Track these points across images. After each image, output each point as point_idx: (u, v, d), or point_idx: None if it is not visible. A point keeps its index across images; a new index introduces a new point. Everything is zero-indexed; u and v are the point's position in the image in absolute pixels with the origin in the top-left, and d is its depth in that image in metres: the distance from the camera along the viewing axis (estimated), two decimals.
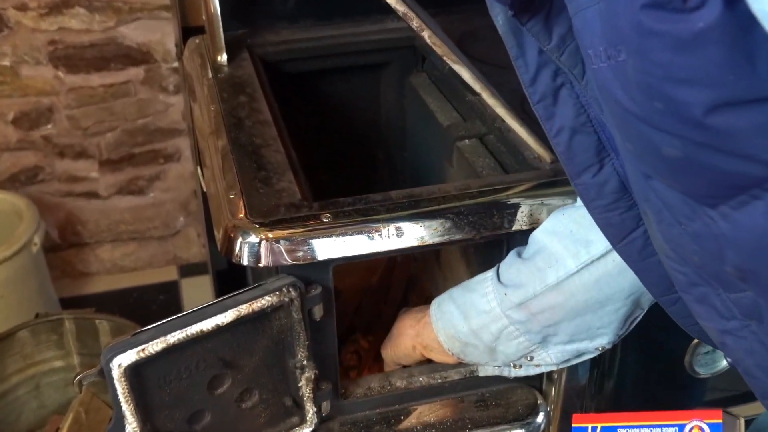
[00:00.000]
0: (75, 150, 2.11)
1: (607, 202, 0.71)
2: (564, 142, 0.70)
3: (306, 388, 0.94)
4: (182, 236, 2.32)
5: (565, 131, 0.69)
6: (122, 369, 0.81)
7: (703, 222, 0.55)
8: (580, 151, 0.70)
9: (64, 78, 2.01)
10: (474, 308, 0.93)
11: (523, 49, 0.67)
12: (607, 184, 0.70)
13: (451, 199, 0.92)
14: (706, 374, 1.16)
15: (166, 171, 2.20)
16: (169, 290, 2.26)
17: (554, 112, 0.69)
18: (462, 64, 1.07)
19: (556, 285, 0.87)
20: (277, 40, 1.34)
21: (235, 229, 0.87)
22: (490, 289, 0.92)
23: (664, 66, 0.47)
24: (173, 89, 2.09)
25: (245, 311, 0.85)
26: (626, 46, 0.49)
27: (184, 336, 0.82)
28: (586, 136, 0.69)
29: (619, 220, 0.71)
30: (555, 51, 0.63)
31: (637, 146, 0.55)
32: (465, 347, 0.96)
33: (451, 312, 0.95)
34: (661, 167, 0.55)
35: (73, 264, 2.26)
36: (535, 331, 0.91)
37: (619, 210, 0.71)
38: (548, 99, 0.68)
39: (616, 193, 0.70)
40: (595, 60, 0.53)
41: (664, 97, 0.48)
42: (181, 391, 0.86)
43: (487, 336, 0.93)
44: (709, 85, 0.46)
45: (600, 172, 0.70)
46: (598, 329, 0.90)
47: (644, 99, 0.50)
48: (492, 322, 0.92)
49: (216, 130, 1.07)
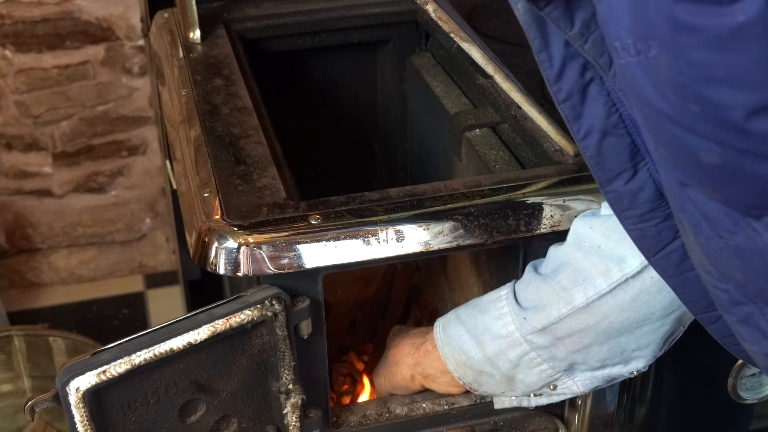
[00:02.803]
0: (24, 141, 2.11)
1: (641, 211, 0.71)
2: (593, 145, 0.70)
3: (292, 415, 0.94)
4: (149, 241, 2.32)
5: (595, 133, 0.70)
6: (80, 393, 0.81)
7: (747, 235, 0.56)
8: (611, 156, 0.70)
9: (12, 58, 2.01)
10: (488, 332, 0.93)
11: (547, 41, 0.67)
12: (642, 191, 0.70)
13: (460, 198, 0.92)
14: (752, 400, 1.17)
15: (130, 165, 2.21)
16: (134, 303, 2.26)
17: (582, 112, 0.69)
18: (472, 43, 1.08)
19: (586, 307, 0.87)
20: (257, 14, 1.34)
21: (210, 232, 0.87)
22: (505, 310, 0.92)
23: (700, 65, 0.47)
24: (138, 71, 2.09)
25: (222, 327, 0.85)
26: (658, 41, 0.49)
27: (151, 356, 0.82)
28: (618, 139, 0.69)
29: (655, 231, 0.72)
30: (578, 38, 0.63)
31: (671, 151, 0.56)
32: (479, 376, 0.96)
33: (460, 336, 0.95)
34: (699, 175, 0.55)
35: (22, 273, 2.26)
36: (561, 358, 0.91)
37: (655, 220, 0.71)
38: (575, 97, 0.69)
39: (652, 201, 0.71)
40: (623, 54, 0.53)
41: (701, 99, 0.49)
42: (148, 418, 0.86)
43: (505, 364, 0.93)
44: (751, 87, 0.46)
45: (634, 178, 0.70)
46: (633, 351, 0.90)
47: (678, 100, 0.50)
48: (510, 348, 0.91)
49: (188, 119, 1.07)
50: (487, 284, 1.10)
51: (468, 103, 1.20)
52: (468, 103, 1.20)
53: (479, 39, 1.09)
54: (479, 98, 1.18)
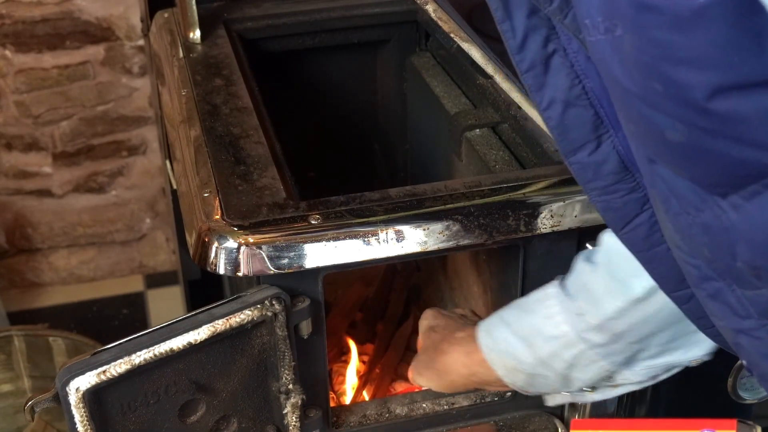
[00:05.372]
0: (25, 141, 2.11)
1: (605, 183, 0.72)
2: (556, 116, 0.71)
3: (292, 415, 0.94)
4: (149, 241, 2.32)
5: (557, 104, 0.70)
6: (80, 394, 0.81)
7: (713, 213, 0.56)
8: (574, 127, 0.70)
9: (12, 58, 2.01)
10: (539, 334, 0.90)
11: (509, 12, 0.68)
12: (606, 163, 0.71)
13: (460, 197, 0.92)
14: (751, 399, 1.16)
15: (129, 165, 2.20)
16: (134, 303, 2.26)
17: (545, 82, 0.70)
18: (472, 43, 1.08)
19: (645, 298, 0.84)
20: (257, 14, 1.34)
21: (210, 232, 0.87)
22: (556, 309, 0.89)
23: (662, 45, 0.48)
24: (138, 71, 2.09)
25: (222, 327, 0.85)
26: (622, 20, 0.50)
27: (151, 356, 0.82)
28: (581, 110, 0.70)
29: (621, 203, 0.72)
30: (557, 13, 0.63)
31: (639, 128, 0.57)
32: (532, 379, 0.93)
33: (507, 341, 0.92)
34: (665, 152, 0.56)
35: (22, 273, 2.26)
36: (619, 351, 0.88)
37: (620, 192, 0.71)
38: (538, 68, 0.69)
39: (615, 173, 0.71)
40: (593, 31, 0.54)
41: (664, 78, 0.50)
42: (148, 418, 0.86)
43: (560, 364, 0.90)
44: (712, 67, 0.47)
45: (597, 150, 0.71)
46: (695, 334, 0.84)
47: (642, 79, 0.51)
48: (565, 348, 0.89)
49: (188, 119, 1.07)
50: (487, 284, 1.10)
51: (468, 103, 1.21)
52: (468, 103, 1.21)
53: (479, 39, 1.10)
54: (479, 98, 1.18)
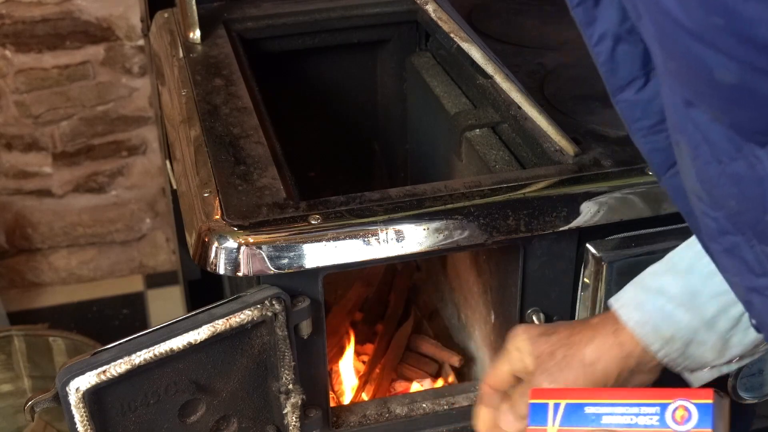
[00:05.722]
0: (24, 141, 2.11)
1: (652, 122, 0.71)
2: (606, 51, 0.69)
3: (292, 415, 0.94)
4: (148, 241, 2.32)
5: (608, 38, 0.69)
6: (80, 394, 0.81)
7: (748, 162, 0.55)
8: (624, 63, 0.69)
9: (12, 58, 2.01)
10: (699, 295, 0.84)
11: None
12: (654, 100, 0.70)
13: (460, 198, 0.92)
14: (751, 400, 1.16)
15: (129, 165, 2.20)
16: (134, 303, 2.26)
17: (595, 16, 0.69)
18: (472, 43, 1.07)
19: None
20: (257, 14, 1.34)
21: (210, 232, 0.87)
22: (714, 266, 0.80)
23: None
24: (138, 71, 2.09)
25: (222, 327, 0.85)
26: None
27: (151, 356, 0.82)
28: (631, 46, 0.68)
29: (666, 144, 0.71)
30: None
31: (683, 66, 0.55)
32: (687, 347, 0.86)
33: (662, 308, 0.85)
34: (709, 94, 0.54)
35: (22, 273, 2.26)
36: None
37: (667, 132, 0.70)
38: (589, 1, 0.68)
39: (663, 112, 0.69)
40: None
41: (728, 11, 0.47)
42: (148, 419, 0.86)
43: (724, 324, 0.83)
44: None
45: (646, 86, 0.70)
46: None
47: (702, 12, 0.49)
48: (732, 305, 0.82)
49: (188, 119, 1.07)
50: (487, 284, 1.10)
51: (468, 103, 1.20)
52: (468, 103, 1.20)
53: (479, 39, 1.09)
54: (479, 98, 1.18)
